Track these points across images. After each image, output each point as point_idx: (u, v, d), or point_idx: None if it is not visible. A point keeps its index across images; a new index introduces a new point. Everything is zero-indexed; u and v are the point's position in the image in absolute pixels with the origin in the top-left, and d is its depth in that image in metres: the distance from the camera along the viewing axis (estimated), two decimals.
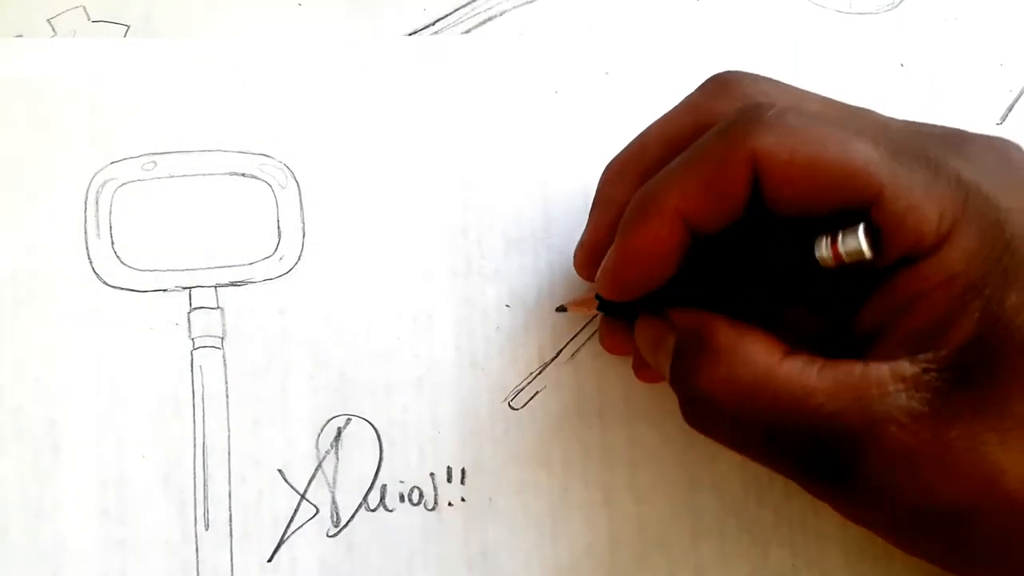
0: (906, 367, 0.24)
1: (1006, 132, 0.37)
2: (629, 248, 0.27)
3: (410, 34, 0.36)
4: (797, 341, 0.26)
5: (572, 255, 0.33)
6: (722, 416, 0.26)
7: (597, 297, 0.30)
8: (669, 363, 0.28)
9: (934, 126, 0.26)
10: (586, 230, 0.31)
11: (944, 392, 0.23)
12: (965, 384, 0.23)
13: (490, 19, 0.37)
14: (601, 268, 0.29)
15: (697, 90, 0.30)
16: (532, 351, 0.34)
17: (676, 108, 0.30)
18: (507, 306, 0.34)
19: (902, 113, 0.37)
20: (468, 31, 0.36)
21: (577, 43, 0.36)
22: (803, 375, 0.25)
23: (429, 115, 0.35)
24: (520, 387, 0.34)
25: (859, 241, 0.24)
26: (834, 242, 0.25)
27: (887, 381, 0.24)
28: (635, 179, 0.29)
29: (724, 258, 0.27)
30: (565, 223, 0.35)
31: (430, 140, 0.35)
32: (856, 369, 0.24)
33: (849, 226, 0.25)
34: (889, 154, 0.24)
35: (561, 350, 0.34)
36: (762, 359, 0.25)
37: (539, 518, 0.33)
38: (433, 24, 0.36)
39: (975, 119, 0.37)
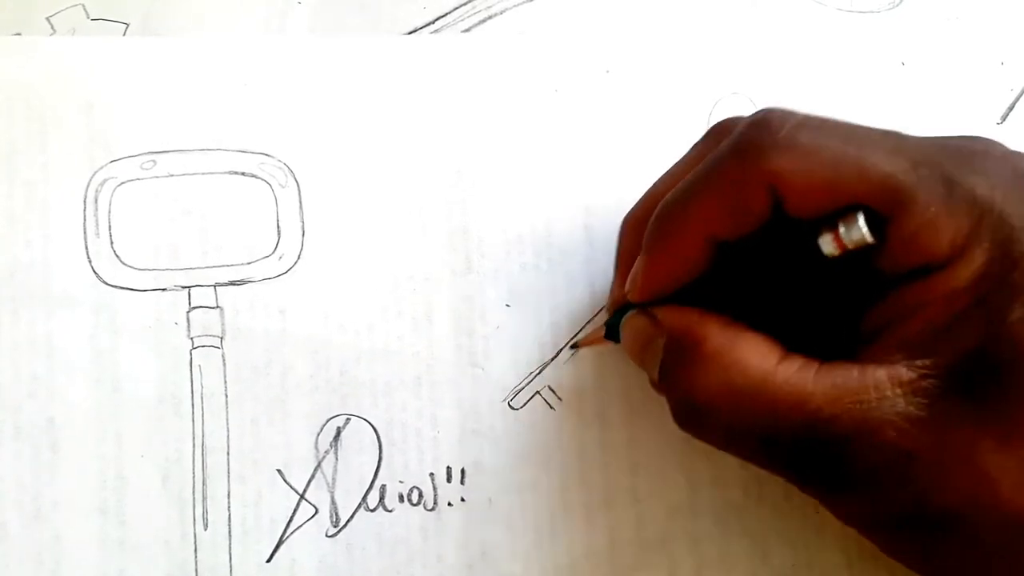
0: (903, 372, 0.24)
1: (1007, 131, 0.37)
2: (656, 264, 0.28)
3: (410, 33, 0.36)
4: (799, 341, 0.26)
5: (572, 255, 0.34)
6: (717, 422, 0.26)
7: (607, 330, 0.31)
8: (657, 366, 0.28)
9: (950, 138, 0.25)
10: (613, 287, 0.32)
11: (943, 398, 0.24)
12: (965, 392, 0.23)
13: (490, 17, 0.37)
14: (630, 278, 0.29)
15: (701, 139, 0.30)
16: (532, 351, 0.34)
17: (683, 158, 0.30)
18: (507, 306, 0.34)
19: (903, 112, 0.37)
20: (468, 29, 0.36)
21: (577, 41, 0.36)
22: (799, 379, 0.25)
23: (429, 114, 0.35)
24: (520, 387, 0.34)
25: (860, 230, 0.25)
26: (836, 234, 0.25)
27: (885, 385, 0.24)
28: None
29: (740, 257, 0.27)
30: (566, 222, 0.35)
31: (430, 139, 0.35)
32: (853, 373, 0.24)
33: (849, 215, 0.25)
34: (905, 170, 0.24)
35: (561, 350, 0.34)
36: (756, 364, 0.26)
37: (538, 518, 0.33)
38: (433, 22, 0.36)
39: (976, 118, 0.37)
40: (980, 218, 0.24)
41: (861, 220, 0.25)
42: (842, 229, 0.25)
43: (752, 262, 0.27)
